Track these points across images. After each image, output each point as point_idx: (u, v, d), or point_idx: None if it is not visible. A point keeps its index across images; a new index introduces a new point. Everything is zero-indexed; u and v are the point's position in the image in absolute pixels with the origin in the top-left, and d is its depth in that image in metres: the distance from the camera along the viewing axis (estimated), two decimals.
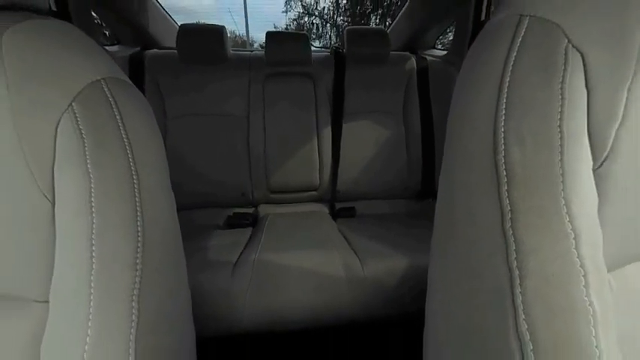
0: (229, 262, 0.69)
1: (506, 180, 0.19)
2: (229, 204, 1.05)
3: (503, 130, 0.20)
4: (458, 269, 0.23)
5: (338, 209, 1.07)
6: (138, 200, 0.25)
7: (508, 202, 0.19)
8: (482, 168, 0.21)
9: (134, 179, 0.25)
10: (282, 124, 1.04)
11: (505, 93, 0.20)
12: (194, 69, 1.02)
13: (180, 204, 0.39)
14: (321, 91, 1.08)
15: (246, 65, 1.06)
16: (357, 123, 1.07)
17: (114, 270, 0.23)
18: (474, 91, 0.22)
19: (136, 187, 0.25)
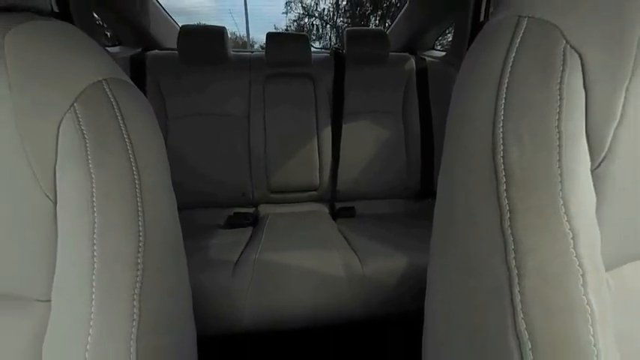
0: (230, 261, 0.69)
1: (505, 180, 0.19)
2: (230, 204, 1.05)
3: (502, 131, 0.20)
4: (457, 269, 0.23)
5: (338, 209, 1.08)
6: (139, 200, 0.25)
7: (507, 202, 0.19)
8: (481, 168, 0.21)
9: (135, 179, 0.25)
10: (282, 124, 1.04)
11: (504, 93, 0.20)
12: (195, 70, 1.02)
13: (182, 204, 0.39)
14: (321, 92, 1.08)
15: (247, 66, 1.07)
16: (356, 123, 1.07)
17: (115, 269, 0.23)
18: (472, 92, 0.22)
19: (138, 187, 0.25)
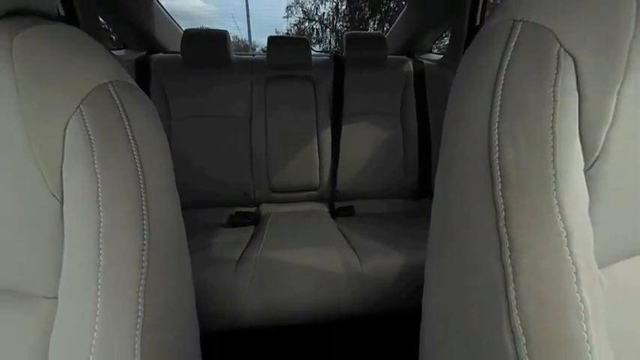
0: (232, 259, 0.70)
1: (500, 180, 0.20)
2: (232, 203, 1.06)
3: (497, 132, 0.20)
4: (453, 268, 0.23)
5: (337, 208, 1.08)
6: (144, 200, 0.25)
7: (502, 202, 0.20)
8: (477, 168, 0.21)
9: (140, 180, 0.25)
10: (283, 125, 1.05)
11: (499, 96, 0.20)
12: (198, 72, 1.03)
13: (185, 203, 0.39)
14: (321, 94, 1.09)
15: (249, 69, 1.08)
16: (355, 125, 1.08)
17: (121, 268, 0.24)
18: (469, 94, 0.23)
19: (142, 188, 0.25)
